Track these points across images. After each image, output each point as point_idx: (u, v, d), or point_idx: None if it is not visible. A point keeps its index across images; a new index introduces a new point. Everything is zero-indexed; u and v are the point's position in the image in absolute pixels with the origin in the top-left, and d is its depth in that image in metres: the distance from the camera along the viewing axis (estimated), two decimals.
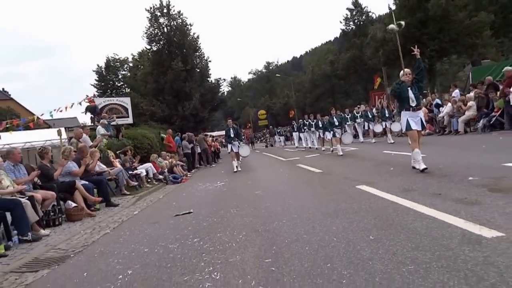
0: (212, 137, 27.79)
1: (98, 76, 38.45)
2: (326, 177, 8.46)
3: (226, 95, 59.28)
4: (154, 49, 34.02)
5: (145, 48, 35.46)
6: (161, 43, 33.72)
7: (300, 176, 9.65)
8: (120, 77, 39.94)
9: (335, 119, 15.06)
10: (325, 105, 44.92)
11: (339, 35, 50.40)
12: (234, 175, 12.24)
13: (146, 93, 33.01)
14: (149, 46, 34.34)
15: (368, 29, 34.76)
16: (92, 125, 18.87)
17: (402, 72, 7.11)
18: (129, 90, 36.50)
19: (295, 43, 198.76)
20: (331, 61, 48.54)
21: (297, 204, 5.56)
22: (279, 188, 7.81)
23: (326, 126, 15.40)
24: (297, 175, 9.90)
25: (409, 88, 6.80)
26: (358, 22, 42.83)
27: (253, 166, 14.54)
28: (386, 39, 25.71)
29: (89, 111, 19.75)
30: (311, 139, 20.54)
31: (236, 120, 53.29)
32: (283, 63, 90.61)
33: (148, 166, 12.69)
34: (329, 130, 15.01)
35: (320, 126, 17.45)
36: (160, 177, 13.01)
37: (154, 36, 33.70)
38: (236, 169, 13.19)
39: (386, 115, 16.92)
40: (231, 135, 13.71)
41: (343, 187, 6.51)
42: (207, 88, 36.23)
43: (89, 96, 25.29)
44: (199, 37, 35.52)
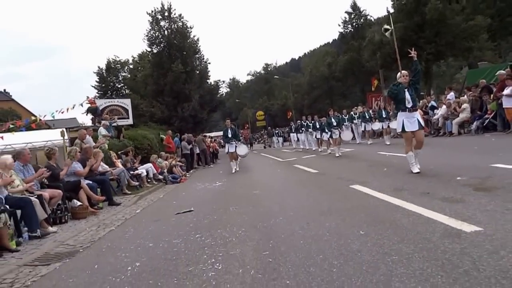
0: (210, 138, 28.03)
1: (98, 77, 38.68)
2: (322, 177, 8.74)
3: (225, 96, 59.45)
4: (154, 51, 34.31)
5: (146, 50, 35.82)
6: (162, 45, 34.00)
7: (296, 176, 9.93)
8: (120, 78, 40.17)
9: (333, 119, 15.11)
10: (322, 107, 45.18)
11: (337, 37, 50.69)
12: (233, 175, 12.49)
13: (146, 94, 33.28)
14: (149, 49, 34.69)
15: (366, 32, 35.10)
16: (93, 126, 19.10)
17: (399, 74, 7.22)
18: (129, 92, 36.73)
19: (293, 45, 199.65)
20: (329, 63, 48.88)
21: (293, 202, 5.85)
22: (276, 187, 8.09)
23: (324, 127, 15.51)
24: (293, 175, 10.17)
25: (405, 90, 6.90)
26: (356, 25, 43.22)
27: (251, 167, 14.79)
28: (383, 42, 26.05)
29: (90, 112, 20.02)
30: (309, 140, 20.77)
31: (234, 121, 53.56)
32: (282, 64, 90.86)
33: (149, 166, 12.94)
34: (327, 131, 15.12)
35: (318, 127, 17.61)
36: (160, 177, 13.27)
37: (155, 39, 34.00)
38: (234, 170, 13.34)
39: (383, 116, 16.94)
40: (229, 136, 13.80)
41: (337, 187, 6.80)
42: (206, 89, 36.54)
43: (90, 97, 25.61)
44: (199, 39, 35.91)
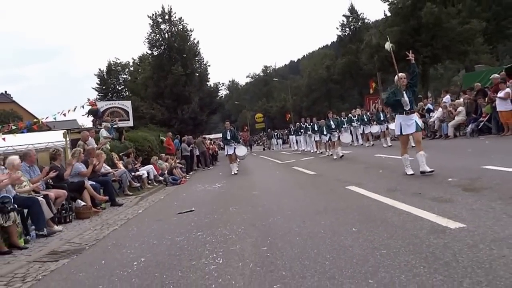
0: (210, 140, 28.24)
1: (99, 79, 38.91)
2: (319, 178, 8.98)
3: (224, 98, 59.70)
4: (155, 54, 34.52)
5: (146, 53, 36.01)
6: (162, 48, 34.18)
7: (294, 178, 10.16)
8: (121, 81, 40.40)
9: (332, 122, 15.13)
10: (321, 109, 45.42)
11: (336, 39, 50.99)
12: (232, 177, 12.68)
13: (146, 96, 33.46)
14: (150, 51, 34.87)
15: (364, 35, 35.41)
16: (94, 127, 19.31)
17: (396, 77, 7.19)
18: (129, 94, 36.95)
19: (292, 47, 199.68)
20: (327, 66, 49.19)
21: (290, 203, 6.07)
22: (274, 189, 8.33)
23: (322, 130, 15.59)
24: (292, 177, 10.40)
25: (404, 92, 6.94)
26: (354, 28, 43.56)
27: (250, 169, 15.00)
28: (380, 45, 26.28)
29: (91, 114, 20.23)
30: (308, 142, 20.90)
31: (233, 123, 53.81)
32: (281, 66, 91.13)
33: (149, 168, 13.15)
34: (325, 133, 15.19)
35: (316, 129, 17.67)
36: (160, 178, 13.47)
37: (155, 42, 34.21)
38: (234, 172, 13.43)
39: (381, 118, 16.88)
40: (228, 138, 13.91)
41: (334, 188, 7.04)
42: (206, 92, 36.77)
43: (91, 99, 25.83)
44: (199, 42, 36.14)
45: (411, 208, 4.36)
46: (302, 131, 21.53)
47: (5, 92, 42.73)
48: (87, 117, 23.22)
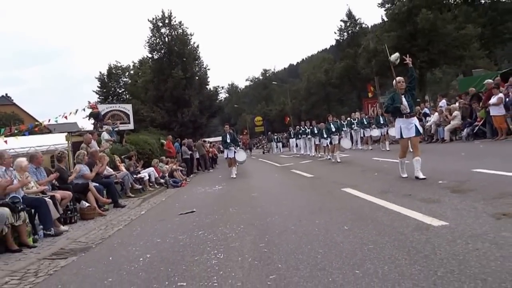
0: (209, 143, 28.51)
1: (100, 82, 39.28)
2: (317, 181, 9.25)
3: (223, 101, 60.06)
4: (155, 57, 34.96)
5: (147, 56, 36.48)
6: (162, 52, 34.66)
7: (293, 180, 10.43)
8: (121, 84, 40.80)
9: (332, 125, 15.06)
10: (320, 113, 45.74)
11: (334, 43, 51.36)
12: (232, 179, 12.91)
13: (146, 99, 33.84)
14: (150, 55, 35.37)
15: (361, 40, 35.77)
16: (95, 130, 19.56)
17: (394, 81, 7.24)
18: (129, 97, 37.29)
19: (291, 51, 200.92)
20: (325, 70, 49.57)
21: (288, 204, 6.35)
22: (273, 191, 8.61)
23: (322, 133, 15.59)
24: (290, 180, 10.68)
25: (402, 96, 7.00)
26: (351, 33, 43.95)
27: (250, 172, 15.26)
28: (378, 50, 26.71)
29: (92, 117, 20.47)
30: (307, 145, 21.05)
31: (233, 126, 53.97)
32: (280, 70, 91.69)
33: (151, 170, 13.42)
34: (326, 137, 15.19)
35: (316, 132, 17.66)
36: (161, 181, 13.74)
37: (155, 45, 34.67)
38: (233, 175, 13.45)
39: (381, 122, 17.02)
40: (228, 141, 13.93)
41: (330, 190, 7.31)
42: (206, 95, 37.17)
43: (91, 102, 26.12)
44: (198, 46, 36.61)
45: (401, 208, 4.63)
46: (303, 134, 21.58)
47: (6, 94, 43.10)
48: (88, 120, 23.52)
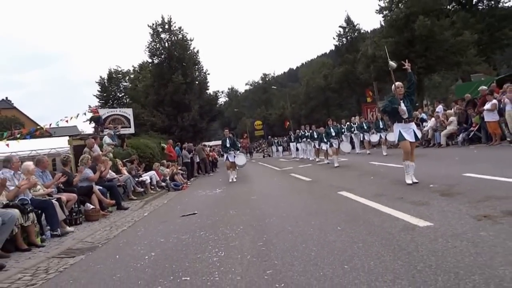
0: (210, 147, 28.77)
1: (100, 87, 39.60)
2: (314, 184, 9.51)
3: (223, 105, 60.41)
4: (155, 62, 35.30)
5: (147, 61, 36.82)
6: (162, 57, 35.01)
7: (291, 184, 10.70)
8: (121, 88, 41.12)
9: (332, 129, 15.10)
10: (320, 117, 46.09)
11: (333, 48, 51.69)
12: (232, 183, 13.06)
13: (146, 104, 34.13)
14: (150, 60, 35.69)
15: (360, 45, 36.10)
16: (96, 134, 19.83)
17: (393, 86, 7.20)
18: (129, 101, 37.61)
19: (291, 55, 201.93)
20: (324, 75, 49.92)
21: (286, 206, 6.62)
22: (272, 194, 8.87)
23: (322, 137, 15.65)
24: (288, 183, 10.94)
25: (401, 101, 6.98)
26: (350, 38, 44.34)
27: (249, 175, 15.48)
28: (376, 56, 27.04)
29: (93, 121, 20.76)
30: (307, 149, 21.15)
31: (233, 130, 54.34)
32: (280, 74, 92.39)
33: (152, 173, 13.68)
34: (325, 141, 15.24)
35: (315, 137, 17.59)
36: (162, 184, 14.01)
37: (155, 50, 35.02)
38: (231, 179, 13.36)
39: (381, 126, 17.08)
40: (227, 145, 13.91)
41: (327, 193, 7.58)
42: (206, 100, 37.50)
43: (92, 106, 26.41)
44: (198, 51, 37.00)
45: (391, 211, 4.90)
46: (303, 139, 21.70)
47: (6, 98, 43.36)
48: (89, 124, 23.83)
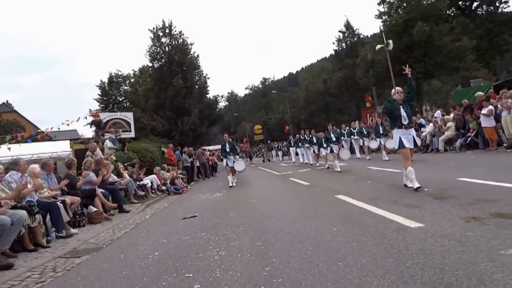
0: (209, 151, 28.94)
1: (101, 90, 39.84)
2: (313, 188, 9.71)
3: (223, 110, 60.71)
4: (155, 66, 35.59)
5: (147, 65, 37.12)
6: (163, 61, 35.33)
7: (290, 188, 10.89)
8: (122, 92, 41.37)
9: (332, 134, 15.05)
10: (319, 121, 46.33)
11: (333, 53, 52.00)
12: (231, 188, 13.03)
13: (147, 108, 34.38)
14: (151, 64, 35.99)
15: (359, 50, 36.41)
16: (96, 138, 20.01)
17: (393, 90, 7.20)
18: (130, 105, 37.84)
19: (291, 59, 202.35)
20: (324, 79, 50.20)
21: (284, 209, 6.82)
22: (271, 197, 9.07)
23: (321, 142, 15.62)
24: (287, 187, 11.13)
25: (400, 107, 6.93)
26: (349, 43, 44.67)
27: (249, 180, 15.65)
28: (375, 61, 27.36)
29: (94, 125, 20.97)
30: (307, 154, 21.13)
31: (232, 134, 54.54)
32: (279, 79, 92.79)
33: (153, 177, 13.85)
34: (325, 146, 15.22)
35: (315, 141, 17.62)
36: (163, 188, 14.18)
37: (156, 55, 35.36)
38: (231, 184, 13.22)
39: (381, 132, 16.96)
40: (227, 150, 13.92)
41: (324, 196, 7.78)
42: (206, 104, 37.77)
43: (93, 110, 26.64)
44: (199, 56, 37.29)
45: (386, 213, 5.10)
46: (304, 143, 21.76)
47: (7, 101, 43.59)
48: (90, 127, 24.01)
